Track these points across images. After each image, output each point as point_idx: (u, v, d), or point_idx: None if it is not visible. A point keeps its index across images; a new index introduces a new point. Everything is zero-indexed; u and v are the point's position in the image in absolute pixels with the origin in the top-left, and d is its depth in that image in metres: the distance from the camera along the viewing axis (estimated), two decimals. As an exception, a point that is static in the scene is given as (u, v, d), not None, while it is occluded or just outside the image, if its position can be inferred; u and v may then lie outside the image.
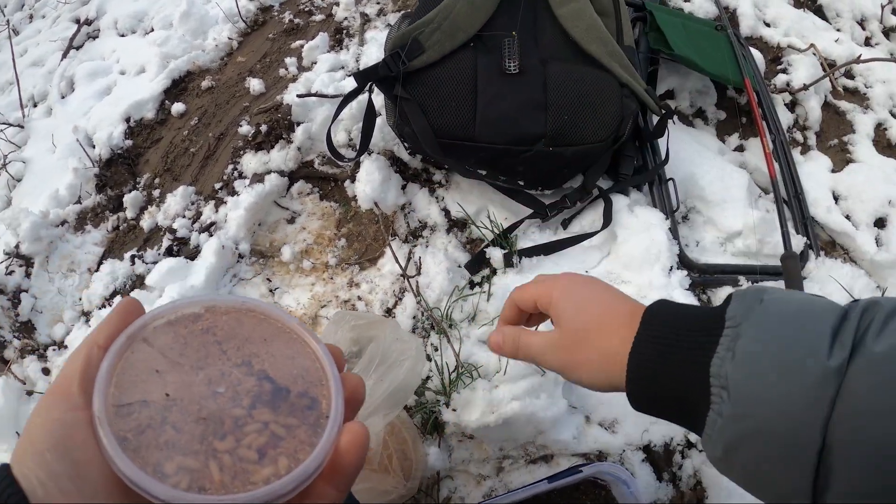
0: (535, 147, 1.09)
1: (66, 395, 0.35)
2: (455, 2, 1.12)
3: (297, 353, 0.41)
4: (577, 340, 0.55)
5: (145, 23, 1.86)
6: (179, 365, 0.37)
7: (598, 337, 0.53)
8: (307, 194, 1.28)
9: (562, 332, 0.57)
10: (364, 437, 0.38)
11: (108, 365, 0.36)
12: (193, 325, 0.40)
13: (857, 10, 1.77)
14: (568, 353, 0.55)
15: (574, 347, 0.55)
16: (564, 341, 0.56)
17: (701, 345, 0.45)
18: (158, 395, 0.36)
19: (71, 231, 1.42)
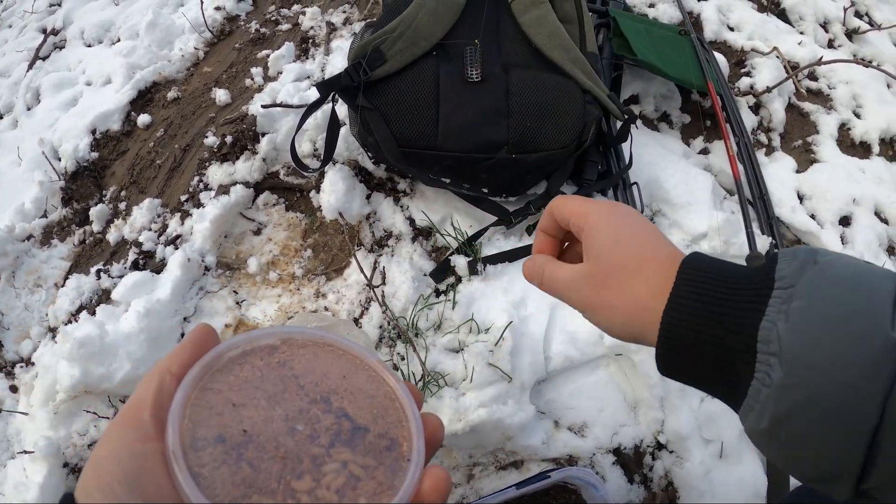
0: (497, 154, 1.09)
1: (137, 424, 0.33)
2: (417, 11, 1.12)
3: (376, 390, 0.40)
4: (606, 278, 0.48)
5: (112, 33, 1.84)
6: (256, 399, 0.36)
7: (630, 280, 0.47)
8: (273, 205, 1.27)
9: (590, 266, 0.50)
10: (447, 483, 0.36)
11: (182, 396, 0.34)
12: (270, 358, 0.39)
13: (819, 13, 1.80)
14: (594, 290, 0.49)
15: (602, 286, 0.49)
16: (592, 277, 0.49)
17: (746, 306, 0.40)
18: (235, 430, 0.34)
19: (37, 245, 1.41)
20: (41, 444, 1.04)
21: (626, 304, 0.47)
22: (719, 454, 1.08)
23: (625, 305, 0.47)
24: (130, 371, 1.07)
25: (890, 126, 1.58)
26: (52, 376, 1.09)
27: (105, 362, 1.06)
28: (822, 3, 1.83)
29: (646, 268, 0.47)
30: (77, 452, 1.08)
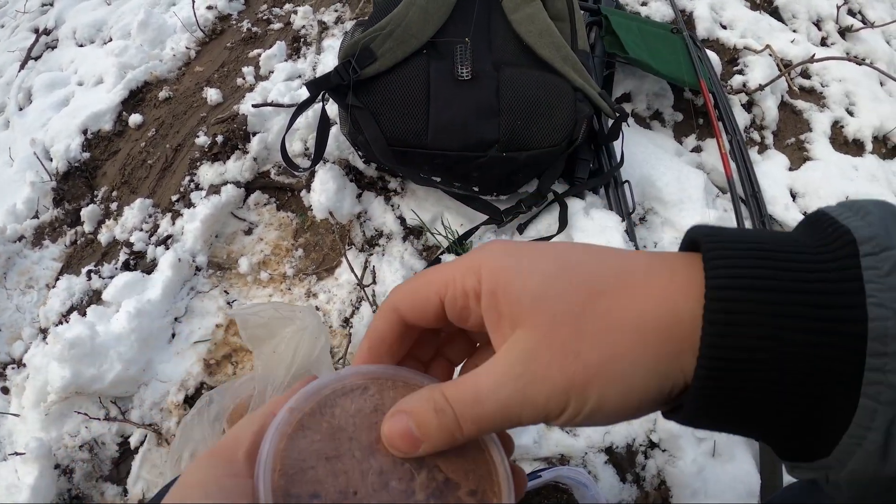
0: (488, 153, 1.09)
1: (230, 459, 0.32)
2: (408, 9, 1.12)
3: (474, 445, 0.36)
4: (573, 334, 0.29)
5: (104, 32, 1.84)
6: (350, 450, 0.34)
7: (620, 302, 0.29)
8: (264, 205, 1.27)
9: (536, 330, 0.29)
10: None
11: (271, 448, 0.33)
12: (361, 401, 0.36)
13: (812, 10, 1.80)
14: (564, 363, 0.29)
15: (571, 350, 0.29)
16: (548, 348, 0.29)
17: (835, 286, 0.26)
18: (330, 486, 0.32)
19: (29, 246, 1.40)
20: (32, 446, 1.04)
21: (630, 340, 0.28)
22: (712, 453, 1.08)
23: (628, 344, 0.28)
24: (121, 372, 1.06)
25: (883, 124, 1.58)
26: (43, 378, 1.08)
27: (96, 363, 1.06)
28: (815, 0, 1.83)
29: (635, 276, 0.30)
30: (68, 454, 1.08)
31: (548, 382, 0.29)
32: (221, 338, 1.13)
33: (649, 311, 0.29)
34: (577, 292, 0.30)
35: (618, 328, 0.29)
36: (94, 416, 1.08)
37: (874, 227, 0.27)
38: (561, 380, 0.28)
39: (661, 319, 0.28)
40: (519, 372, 0.29)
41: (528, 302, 0.30)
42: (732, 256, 0.28)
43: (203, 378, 1.10)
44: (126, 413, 1.09)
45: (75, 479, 1.07)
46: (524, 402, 0.29)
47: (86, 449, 1.08)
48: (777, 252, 0.28)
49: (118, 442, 1.09)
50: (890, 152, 1.60)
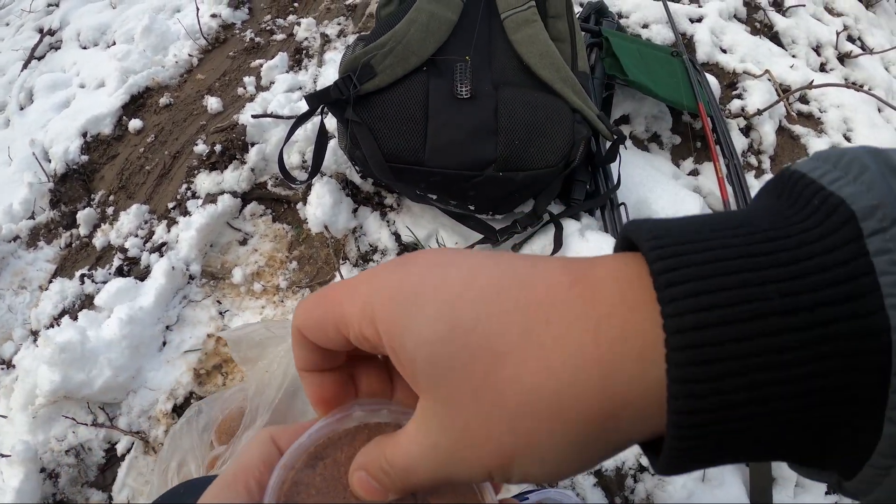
0: (485, 172, 1.09)
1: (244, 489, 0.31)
2: (409, 26, 1.12)
3: None
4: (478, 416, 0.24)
5: (108, 36, 1.84)
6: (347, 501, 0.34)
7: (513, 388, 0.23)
8: (260, 216, 1.27)
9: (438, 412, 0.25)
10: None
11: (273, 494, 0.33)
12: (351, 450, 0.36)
13: (812, 36, 1.81)
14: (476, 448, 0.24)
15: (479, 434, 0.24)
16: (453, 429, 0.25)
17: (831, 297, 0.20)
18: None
19: (23, 247, 1.40)
20: (19, 448, 1.04)
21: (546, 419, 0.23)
22: (702, 477, 1.08)
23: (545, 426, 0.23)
24: (111, 378, 1.06)
25: (880, 151, 1.58)
26: (32, 380, 1.08)
27: (85, 368, 1.06)
28: (815, 26, 1.84)
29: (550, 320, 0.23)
30: (55, 458, 1.07)
31: (465, 463, 0.25)
32: (212, 348, 1.13)
33: (566, 388, 0.22)
34: (474, 360, 0.23)
35: (529, 407, 0.23)
36: (81, 421, 1.08)
37: (875, 191, 0.20)
38: (478, 461, 0.24)
39: (587, 389, 0.22)
40: (437, 446, 0.26)
41: (423, 372, 0.25)
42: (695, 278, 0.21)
43: (192, 388, 1.10)
44: (114, 419, 1.09)
45: (61, 483, 1.07)
46: (450, 476, 0.26)
47: (72, 454, 1.08)
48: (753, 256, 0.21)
49: (105, 448, 1.09)
50: (886, 180, 1.61)
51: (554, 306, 0.23)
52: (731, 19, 1.78)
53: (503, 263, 0.25)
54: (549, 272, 0.24)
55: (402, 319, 0.25)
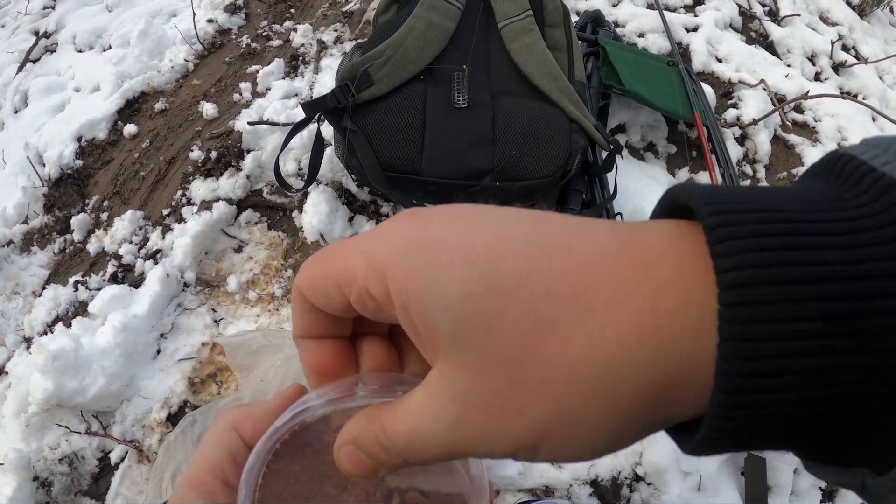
0: (482, 181, 1.09)
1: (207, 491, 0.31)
2: (407, 34, 1.12)
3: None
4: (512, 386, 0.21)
5: (104, 39, 1.84)
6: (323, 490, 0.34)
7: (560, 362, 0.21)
8: (255, 223, 1.27)
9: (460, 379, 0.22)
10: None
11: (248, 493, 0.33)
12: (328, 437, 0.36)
13: (807, 46, 1.82)
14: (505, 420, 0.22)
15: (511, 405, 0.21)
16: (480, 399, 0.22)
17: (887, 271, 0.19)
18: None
19: (17, 252, 1.39)
20: (11, 457, 1.03)
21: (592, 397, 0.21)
22: (697, 487, 1.08)
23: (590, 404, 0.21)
24: (104, 386, 1.06)
25: (874, 161, 1.59)
26: (24, 388, 1.07)
27: (79, 376, 1.05)
28: (810, 36, 1.85)
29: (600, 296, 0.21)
30: (48, 466, 1.07)
31: (489, 440, 0.22)
32: (207, 356, 1.13)
33: (614, 357, 0.20)
34: (518, 323, 0.21)
35: (575, 381, 0.21)
36: (75, 429, 1.07)
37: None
38: (505, 439, 0.22)
39: (642, 362, 0.20)
40: (453, 417, 0.22)
41: (446, 334, 0.22)
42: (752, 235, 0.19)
43: (187, 396, 1.09)
44: (107, 428, 1.08)
45: (54, 492, 1.06)
46: (466, 449, 0.23)
47: (65, 462, 1.07)
48: (813, 222, 0.20)
49: (98, 457, 1.08)
50: (880, 189, 1.62)
51: (606, 271, 0.21)
52: (726, 29, 1.79)
53: (543, 220, 0.23)
54: (597, 234, 0.22)
55: (422, 273, 0.22)
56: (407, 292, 0.22)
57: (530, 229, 0.22)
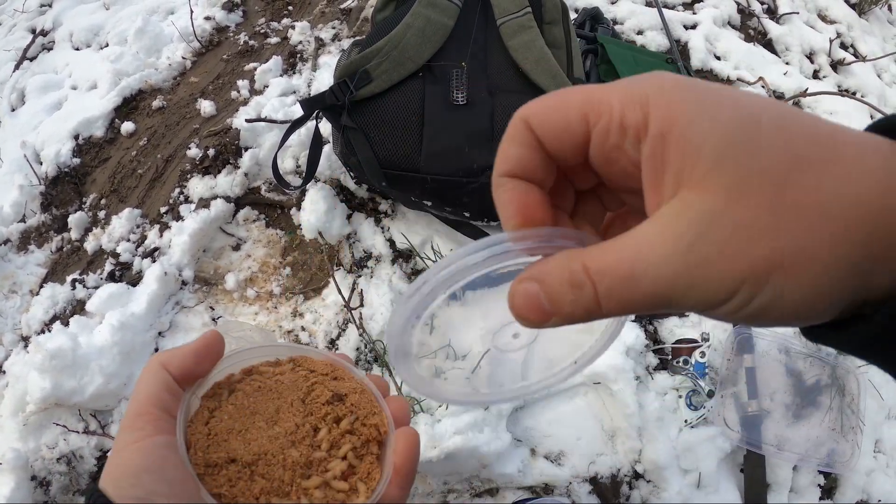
0: (480, 179, 1.09)
1: (153, 417, 0.37)
2: (406, 31, 1.12)
3: (350, 389, 0.45)
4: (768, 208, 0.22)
5: (101, 37, 1.83)
6: (255, 424, 0.41)
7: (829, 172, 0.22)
8: (253, 221, 1.26)
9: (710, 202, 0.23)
10: (415, 438, 0.42)
11: (183, 433, 0.38)
12: (261, 382, 0.44)
13: (805, 43, 1.82)
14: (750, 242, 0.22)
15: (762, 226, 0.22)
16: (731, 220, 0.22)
17: None
18: (244, 453, 0.39)
19: (14, 251, 1.39)
20: (9, 456, 1.03)
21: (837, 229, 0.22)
22: (697, 484, 1.08)
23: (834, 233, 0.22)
24: (102, 385, 1.05)
25: (872, 158, 1.59)
26: (22, 387, 1.07)
27: (77, 375, 1.05)
28: (809, 34, 1.85)
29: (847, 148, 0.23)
30: (45, 465, 1.06)
31: (724, 263, 0.22)
32: (205, 354, 1.12)
33: (864, 196, 0.22)
34: (779, 155, 0.22)
35: (825, 211, 0.22)
36: (73, 428, 1.07)
37: None
38: (741, 262, 0.22)
39: (876, 211, 0.22)
40: (689, 246, 0.23)
41: (710, 155, 0.23)
42: None
43: (185, 395, 1.09)
44: (105, 427, 1.08)
45: (52, 491, 1.06)
46: (690, 285, 0.23)
47: (63, 461, 1.07)
48: None
49: (97, 456, 1.08)
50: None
51: (850, 139, 0.23)
52: (725, 26, 1.79)
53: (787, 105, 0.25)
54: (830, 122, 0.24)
55: (692, 105, 0.23)
56: (672, 118, 0.23)
57: (776, 101, 0.25)
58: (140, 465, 0.34)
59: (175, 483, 0.34)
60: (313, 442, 0.41)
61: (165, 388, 0.38)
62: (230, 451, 0.38)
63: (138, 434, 0.35)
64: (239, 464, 0.38)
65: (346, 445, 0.42)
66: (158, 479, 0.34)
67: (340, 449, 0.41)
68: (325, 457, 0.41)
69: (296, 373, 0.45)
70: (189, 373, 0.40)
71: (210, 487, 0.37)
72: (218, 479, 0.37)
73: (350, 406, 0.44)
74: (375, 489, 0.40)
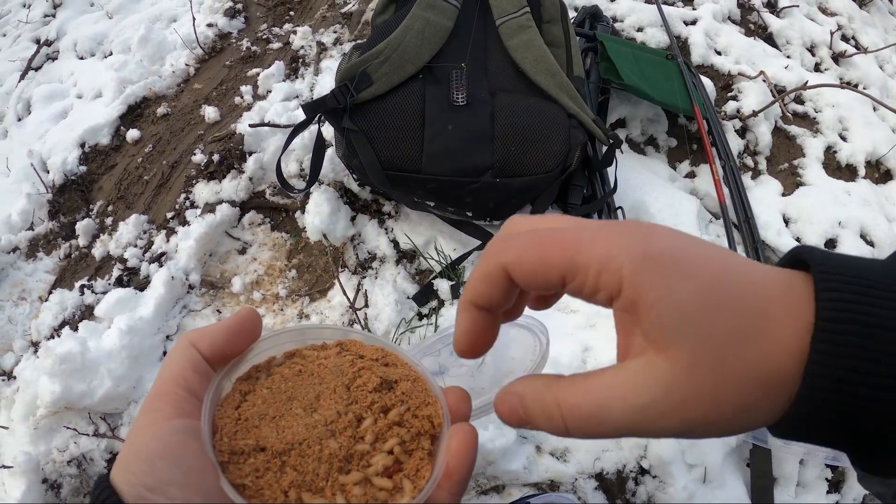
0: (482, 178, 1.10)
1: (174, 399, 0.33)
2: (405, 33, 1.13)
3: (400, 375, 0.40)
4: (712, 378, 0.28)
5: (104, 46, 1.85)
6: (292, 410, 0.37)
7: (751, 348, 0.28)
8: (258, 225, 1.27)
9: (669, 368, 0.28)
10: (473, 436, 0.36)
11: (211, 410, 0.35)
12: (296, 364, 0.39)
13: (806, 36, 1.82)
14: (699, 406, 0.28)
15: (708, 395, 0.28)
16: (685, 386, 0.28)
17: None
18: (276, 441, 0.35)
19: (23, 258, 1.41)
20: (21, 460, 1.04)
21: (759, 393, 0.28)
22: (703, 479, 1.08)
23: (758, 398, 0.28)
24: (111, 388, 1.07)
25: (876, 149, 1.59)
26: (32, 391, 1.08)
27: (86, 379, 1.06)
28: (809, 26, 1.85)
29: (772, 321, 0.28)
30: (56, 469, 1.08)
31: (675, 420, 0.28)
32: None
33: (775, 365, 0.28)
34: (724, 332, 0.28)
35: (752, 381, 0.28)
36: (83, 431, 1.08)
37: None
38: (691, 419, 0.28)
39: (782, 373, 0.28)
40: (649, 402, 0.28)
41: (672, 329, 0.28)
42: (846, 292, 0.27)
43: (193, 397, 1.10)
44: (115, 430, 1.09)
45: (63, 494, 1.07)
46: (643, 430, 0.29)
47: (74, 464, 1.08)
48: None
49: (107, 458, 1.09)
50: (883, 177, 1.61)
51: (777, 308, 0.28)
52: (725, 21, 1.79)
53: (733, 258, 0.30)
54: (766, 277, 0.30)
55: (661, 278, 0.28)
56: (642, 292, 0.28)
57: (731, 262, 0.30)
58: (154, 450, 0.31)
59: (192, 472, 0.31)
60: (356, 433, 0.36)
61: (192, 367, 0.35)
62: (260, 438, 0.34)
63: (156, 416, 0.32)
64: (269, 453, 0.34)
65: (394, 438, 0.37)
66: (174, 466, 0.31)
67: (387, 442, 0.36)
68: (368, 450, 0.36)
69: (342, 357, 0.40)
70: (220, 352, 0.36)
71: (233, 478, 0.33)
72: (243, 469, 0.33)
73: (401, 395, 0.39)
74: (423, 488, 0.35)
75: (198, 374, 0.35)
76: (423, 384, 0.40)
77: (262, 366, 0.39)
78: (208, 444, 0.33)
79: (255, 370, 0.39)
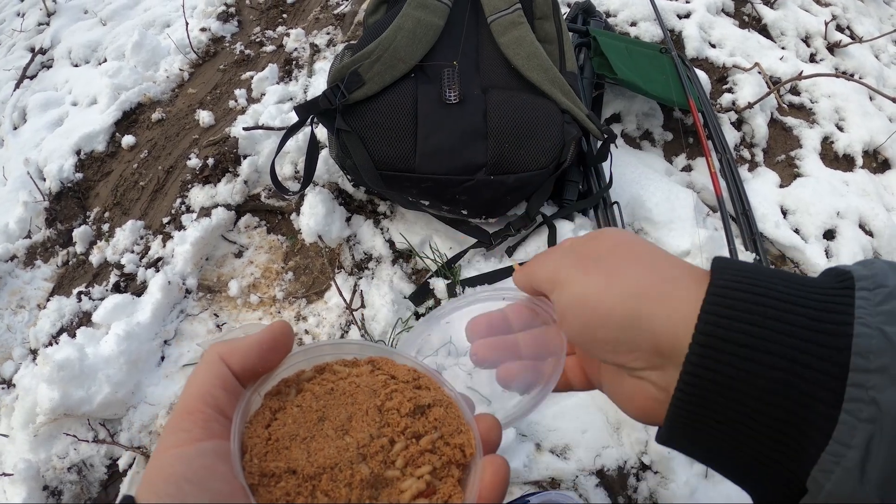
0: (476, 176, 1.09)
1: (203, 419, 0.32)
2: (396, 33, 1.12)
3: (435, 401, 0.39)
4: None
5: (99, 53, 1.85)
6: (323, 431, 0.36)
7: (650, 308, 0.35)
8: (254, 228, 1.27)
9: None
10: (505, 470, 0.36)
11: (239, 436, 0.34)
12: (332, 384, 0.38)
13: (801, 27, 1.81)
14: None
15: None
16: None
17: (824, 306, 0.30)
18: (306, 464, 0.34)
19: (20, 266, 1.41)
20: (21, 467, 1.04)
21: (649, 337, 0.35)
22: (704, 474, 1.08)
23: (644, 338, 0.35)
24: (110, 394, 1.07)
25: (873, 138, 1.58)
26: (32, 399, 1.08)
27: (85, 385, 1.06)
28: (804, 17, 1.84)
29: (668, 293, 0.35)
30: (57, 475, 1.08)
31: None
32: (210, 361, 1.13)
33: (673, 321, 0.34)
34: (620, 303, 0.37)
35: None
36: (82, 438, 1.08)
37: (874, 270, 0.31)
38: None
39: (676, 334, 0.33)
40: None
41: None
42: (735, 280, 0.33)
43: (192, 401, 1.10)
44: (115, 435, 1.09)
45: (63, 500, 1.07)
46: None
47: (74, 471, 1.08)
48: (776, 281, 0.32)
49: (107, 464, 1.09)
50: (881, 166, 1.61)
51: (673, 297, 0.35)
52: (718, 14, 1.78)
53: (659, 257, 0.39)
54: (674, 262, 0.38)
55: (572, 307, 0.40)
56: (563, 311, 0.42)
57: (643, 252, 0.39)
58: (182, 473, 0.30)
59: (222, 496, 0.30)
60: (387, 457, 0.35)
61: (222, 383, 0.34)
62: (291, 460, 0.34)
63: (183, 436, 0.31)
64: (299, 476, 0.33)
65: (426, 466, 0.36)
66: (202, 490, 0.30)
67: (419, 468, 0.36)
68: (398, 475, 0.35)
69: (374, 377, 0.39)
70: (252, 368, 0.35)
71: (263, 500, 0.32)
72: (273, 492, 0.32)
73: (433, 421, 0.38)
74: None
75: (227, 392, 0.34)
76: (456, 410, 0.39)
77: (291, 380, 0.38)
78: (237, 465, 0.32)
79: (284, 384, 0.38)
